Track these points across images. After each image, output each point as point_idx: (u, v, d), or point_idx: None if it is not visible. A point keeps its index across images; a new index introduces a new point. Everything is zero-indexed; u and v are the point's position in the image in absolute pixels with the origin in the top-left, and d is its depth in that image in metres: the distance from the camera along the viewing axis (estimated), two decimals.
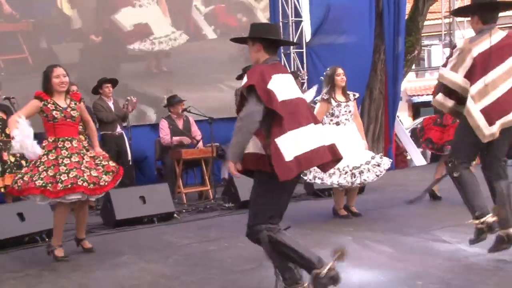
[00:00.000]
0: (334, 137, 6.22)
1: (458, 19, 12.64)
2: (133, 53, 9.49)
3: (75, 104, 5.46)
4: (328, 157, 3.87)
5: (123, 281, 4.66)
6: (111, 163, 5.44)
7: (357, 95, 6.83)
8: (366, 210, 6.70)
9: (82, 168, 5.19)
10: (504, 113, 4.52)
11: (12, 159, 7.09)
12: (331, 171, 6.00)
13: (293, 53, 11.37)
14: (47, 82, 5.37)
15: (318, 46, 11.67)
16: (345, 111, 6.57)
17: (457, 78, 4.69)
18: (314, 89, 7.31)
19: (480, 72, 4.57)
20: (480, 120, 4.53)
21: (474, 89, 4.58)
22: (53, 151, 5.24)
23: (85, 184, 5.11)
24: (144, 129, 9.28)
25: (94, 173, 5.23)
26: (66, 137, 5.32)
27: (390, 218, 6.57)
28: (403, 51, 11.57)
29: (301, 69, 11.08)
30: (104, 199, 6.68)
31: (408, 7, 13.09)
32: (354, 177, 6.25)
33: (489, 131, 4.51)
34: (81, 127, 7.47)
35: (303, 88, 10.45)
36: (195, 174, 9.22)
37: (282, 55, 11.28)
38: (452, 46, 4.85)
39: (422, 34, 13.31)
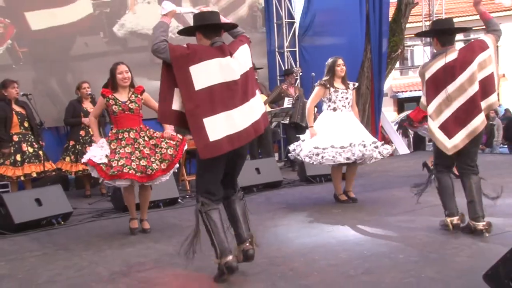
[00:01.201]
0: (330, 123, 6.32)
1: None
2: (135, 44, 9.36)
3: (136, 96, 5.52)
4: (243, 140, 3.95)
5: (130, 258, 4.68)
6: (170, 151, 5.45)
7: (356, 84, 6.70)
8: (354, 194, 6.68)
9: (132, 158, 5.28)
10: (461, 126, 4.63)
11: (31, 150, 7.12)
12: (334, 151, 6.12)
13: (287, 52, 11.38)
14: (113, 78, 5.48)
15: (310, 46, 11.66)
16: (342, 98, 6.43)
17: (423, 100, 4.89)
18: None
19: (432, 93, 4.71)
20: (439, 135, 4.69)
21: (430, 108, 4.74)
22: (115, 141, 5.38)
23: (131, 171, 5.20)
24: (152, 122, 9.23)
25: (143, 163, 5.28)
26: (125, 128, 5.42)
27: (375, 201, 6.59)
28: (387, 51, 11.58)
29: (295, 66, 11.06)
30: (113, 186, 6.66)
31: (392, 10, 13.12)
32: (351, 152, 6.13)
33: (450, 144, 4.67)
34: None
35: (296, 84, 10.44)
36: None
37: (277, 53, 11.33)
38: None
39: (406, 35, 13.29)
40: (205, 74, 3.79)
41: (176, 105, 3.88)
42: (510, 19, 23.44)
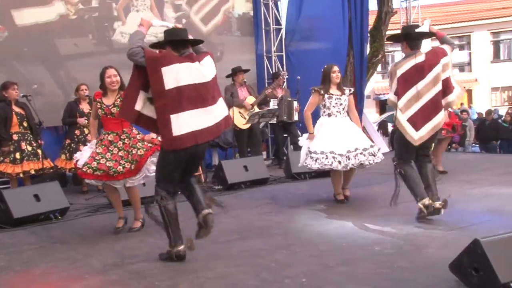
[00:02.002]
0: (325, 128, 6.25)
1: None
2: (121, 46, 9.32)
3: (121, 100, 5.10)
4: (206, 137, 4.23)
5: (123, 251, 4.68)
6: (140, 152, 5.13)
7: (352, 90, 6.56)
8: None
9: (97, 158, 5.07)
10: (427, 120, 4.92)
11: (30, 148, 7.11)
12: (328, 156, 6.03)
13: (274, 56, 11.41)
14: (102, 82, 5.27)
15: (297, 51, 11.71)
16: (336, 104, 6.29)
17: (391, 97, 5.11)
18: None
19: (403, 89, 4.96)
20: (408, 128, 4.93)
21: (401, 103, 4.98)
22: (99, 141, 5.23)
23: (89, 170, 5.02)
24: None
25: (108, 164, 5.05)
26: (107, 131, 5.23)
27: (356, 197, 6.56)
28: (367, 56, 11.66)
29: (282, 70, 11.08)
30: None
31: (373, 18, 13.20)
32: (349, 159, 6.05)
33: (417, 135, 4.94)
34: (86, 121, 7.50)
35: (283, 86, 10.40)
36: None
37: (265, 57, 11.38)
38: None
39: (386, 42, 13.36)
40: (175, 75, 4.05)
41: (138, 106, 4.18)
42: (481, 28, 23.79)
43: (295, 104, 9.65)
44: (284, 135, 10.13)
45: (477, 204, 5.77)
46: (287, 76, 10.54)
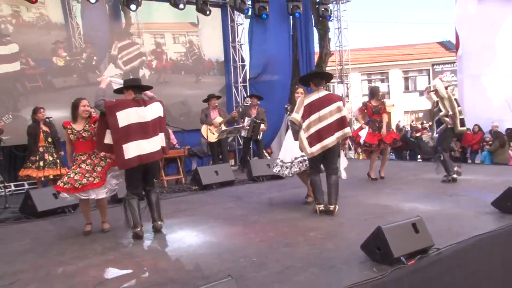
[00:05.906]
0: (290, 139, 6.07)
1: (346, 66, 13.09)
2: (94, 80, 9.27)
3: (89, 126, 4.89)
4: (149, 159, 4.67)
5: (119, 238, 4.71)
6: (99, 169, 4.82)
7: None
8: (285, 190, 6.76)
9: (68, 173, 4.81)
10: (319, 140, 5.18)
11: (51, 158, 7.21)
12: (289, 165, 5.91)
13: (240, 86, 11.53)
14: (76, 110, 4.91)
15: (256, 82, 11.85)
16: None
17: (298, 117, 5.31)
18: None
19: (307, 115, 5.25)
20: (305, 143, 5.22)
21: (304, 125, 5.25)
22: (75, 163, 4.85)
23: (61, 184, 4.73)
24: None
25: (76, 177, 4.73)
26: (80, 153, 4.86)
27: (297, 194, 6.45)
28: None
29: (246, 97, 11.19)
30: None
31: (316, 57, 13.50)
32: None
33: (310, 150, 5.22)
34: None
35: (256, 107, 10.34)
36: (173, 167, 9.14)
37: (233, 87, 11.50)
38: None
39: None
40: (126, 117, 4.56)
41: (107, 140, 4.65)
42: (395, 67, 25.41)
43: (262, 126, 9.55)
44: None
45: (388, 199, 5.90)
46: (250, 102, 10.65)
